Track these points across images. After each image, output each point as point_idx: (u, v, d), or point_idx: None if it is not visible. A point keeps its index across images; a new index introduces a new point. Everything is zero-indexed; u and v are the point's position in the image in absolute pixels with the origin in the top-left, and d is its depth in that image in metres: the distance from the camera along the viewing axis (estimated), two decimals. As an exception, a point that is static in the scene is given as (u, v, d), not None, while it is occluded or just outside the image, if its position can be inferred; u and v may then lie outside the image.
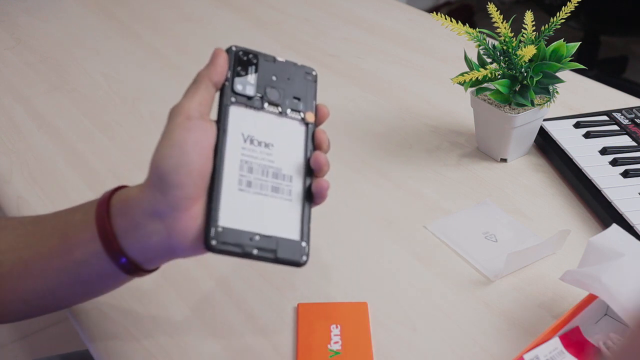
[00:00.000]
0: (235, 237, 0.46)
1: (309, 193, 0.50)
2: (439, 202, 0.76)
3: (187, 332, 0.59)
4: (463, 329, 0.60)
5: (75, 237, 0.49)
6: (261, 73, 0.51)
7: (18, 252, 0.51)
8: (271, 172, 0.49)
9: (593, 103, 0.95)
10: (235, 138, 0.48)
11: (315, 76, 0.54)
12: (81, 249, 0.49)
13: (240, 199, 0.47)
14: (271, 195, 0.48)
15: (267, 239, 0.47)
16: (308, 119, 0.52)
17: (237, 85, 0.50)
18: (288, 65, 0.53)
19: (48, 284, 0.51)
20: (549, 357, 0.52)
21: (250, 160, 0.48)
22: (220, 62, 0.50)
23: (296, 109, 0.51)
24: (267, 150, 0.49)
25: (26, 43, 1.15)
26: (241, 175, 0.48)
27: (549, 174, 0.81)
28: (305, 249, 0.48)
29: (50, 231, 0.51)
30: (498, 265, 0.66)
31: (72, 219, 0.50)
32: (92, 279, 0.50)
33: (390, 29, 1.21)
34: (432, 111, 0.94)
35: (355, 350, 0.57)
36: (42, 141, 0.88)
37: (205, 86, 0.49)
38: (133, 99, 0.98)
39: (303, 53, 1.11)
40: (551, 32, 0.77)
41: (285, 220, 0.48)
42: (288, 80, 0.52)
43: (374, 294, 0.63)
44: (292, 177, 0.50)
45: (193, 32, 1.20)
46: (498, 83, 0.75)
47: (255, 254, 0.46)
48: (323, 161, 0.50)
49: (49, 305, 0.55)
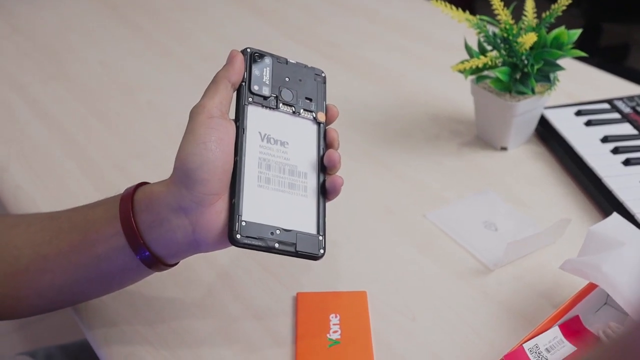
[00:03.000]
0: (258, 231, 0.48)
1: (323, 189, 0.52)
2: (439, 191, 0.75)
3: (185, 322, 0.59)
4: (462, 318, 0.60)
5: (97, 233, 0.50)
6: (275, 74, 0.53)
7: (36, 247, 0.52)
8: (287, 169, 0.51)
9: (594, 91, 0.94)
10: (253, 136, 0.51)
11: (325, 77, 0.56)
12: (103, 244, 0.50)
13: (259, 194, 0.49)
14: (288, 192, 0.51)
15: (287, 233, 0.49)
16: (320, 119, 0.54)
17: (254, 85, 0.52)
18: (299, 67, 0.55)
19: (67, 279, 0.52)
20: (548, 346, 0.52)
21: (268, 158, 0.51)
22: (238, 63, 0.52)
23: (308, 109, 0.54)
24: (283, 148, 0.52)
25: (22, 31, 1.14)
26: (260, 172, 0.50)
27: (549, 163, 0.80)
28: (322, 242, 0.50)
29: (69, 227, 0.52)
30: (498, 255, 0.65)
31: (92, 215, 0.51)
32: (112, 273, 0.51)
33: (390, 16, 1.20)
34: (432, 99, 0.94)
35: (354, 340, 0.57)
36: (39, 130, 0.88)
37: (224, 86, 0.50)
38: (130, 87, 0.98)
39: (302, 41, 1.11)
40: (552, 19, 0.76)
41: (302, 215, 0.50)
42: (300, 82, 0.54)
43: (374, 283, 0.63)
44: (306, 174, 0.52)
45: (191, 20, 1.19)
46: (498, 71, 0.75)
47: (277, 248, 0.49)
48: (336, 159, 0.52)
49: (65, 301, 0.56)
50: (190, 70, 1.02)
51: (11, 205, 0.75)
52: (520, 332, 0.58)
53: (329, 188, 0.52)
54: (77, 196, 0.75)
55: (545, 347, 0.52)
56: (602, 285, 0.53)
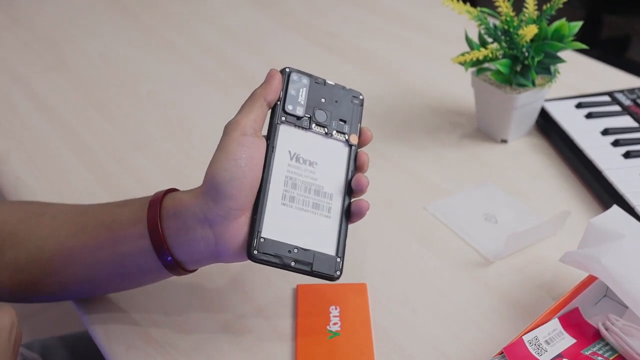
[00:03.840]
0: (275, 248, 0.49)
1: (347, 211, 0.53)
2: (439, 183, 0.75)
3: (185, 314, 0.59)
4: (462, 310, 0.60)
5: (123, 231, 0.51)
6: (311, 95, 0.54)
7: (61, 239, 0.53)
8: (313, 189, 0.52)
9: (595, 83, 0.94)
10: (282, 155, 0.52)
11: (362, 100, 0.56)
12: (129, 244, 0.51)
13: (282, 212, 0.51)
14: (311, 211, 0.51)
15: (304, 252, 0.50)
16: (352, 141, 0.54)
17: (288, 105, 0.53)
18: (337, 89, 0.55)
19: (89, 273, 0.54)
20: (548, 338, 0.52)
21: (295, 177, 0.52)
22: (275, 83, 0.52)
23: (341, 131, 0.54)
24: (311, 168, 0.53)
25: (22, 22, 1.14)
26: (285, 191, 0.51)
27: (549, 155, 0.80)
28: (339, 264, 0.51)
29: (96, 223, 0.53)
30: (498, 247, 0.66)
31: (119, 214, 0.53)
32: (134, 272, 0.53)
33: (391, 8, 1.20)
34: (432, 91, 0.93)
35: (354, 332, 0.57)
36: (39, 122, 0.88)
37: (260, 104, 0.51)
38: (130, 78, 0.97)
39: (302, 33, 1.10)
40: (553, 11, 0.76)
41: (323, 236, 0.51)
42: (336, 103, 0.55)
43: (374, 275, 0.63)
44: (332, 195, 0.53)
45: (191, 12, 1.18)
46: (499, 63, 0.74)
47: (293, 266, 0.50)
48: (364, 183, 0.53)
49: (83, 291, 0.57)
50: (191, 61, 1.02)
51: (11, 197, 0.75)
52: (519, 324, 0.58)
53: (354, 211, 0.53)
54: (77, 188, 0.75)
55: (544, 339, 0.52)
56: (601, 277, 0.53)
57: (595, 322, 0.55)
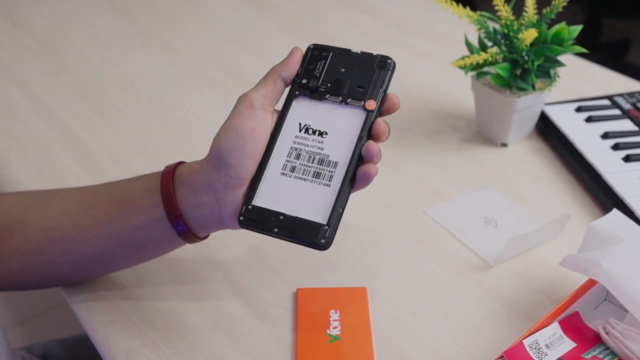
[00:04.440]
0: (262, 215, 0.50)
1: (352, 180, 0.51)
2: (439, 187, 0.75)
3: (185, 317, 0.59)
4: (462, 314, 0.60)
5: (136, 205, 0.53)
6: (330, 66, 0.53)
7: (72, 218, 0.55)
8: (317, 158, 0.51)
9: (595, 87, 0.94)
10: (291, 127, 0.52)
11: (390, 64, 0.53)
12: (141, 216, 0.53)
13: (279, 181, 0.51)
14: (311, 180, 0.51)
15: (290, 219, 0.50)
16: (368, 107, 0.51)
17: (303, 79, 0.53)
18: (361, 56, 0.54)
19: (100, 249, 0.55)
20: (548, 342, 0.52)
21: (300, 148, 0.52)
22: (294, 60, 0.53)
23: (358, 98, 0.52)
24: (320, 138, 0.52)
25: (23, 26, 1.14)
26: (287, 161, 0.52)
27: (549, 159, 0.80)
28: (326, 232, 0.49)
29: (107, 199, 0.55)
30: (498, 250, 0.66)
31: (130, 188, 0.54)
32: (146, 243, 0.55)
33: (391, 11, 1.20)
34: (432, 95, 0.93)
35: (354, 335, 0.57)
36: (40, 125, 0.88)
37: (274, 80, 0.53)
38: (131, 82, 0.98)
39: (302, 36, 1.10)
40: (553, 15, 0.76)
41: (316, 204, 0.50)
42: (357, 70, 0.53)
43: (374, 279, 0.63)
44: (337, 164, 0.51)
45: (191, 15, 1.19)
46: (499, 67, 0.74)
47: (276, 232, 0.50)
48: (375, 150, 0.50)
49: (95, 270, 0.59)
50: (191, 65, 1.02)
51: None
52: (520, 328, 0.58)
53: (361, 177, 0.50)
54: (78, 191, 0.75)
55: (545, 343, 0.52)
56: (601, 281, 0.53)
57: (596, 326, 0.55)
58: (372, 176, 0.51)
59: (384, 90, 0.52)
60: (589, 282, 0.56)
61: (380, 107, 0.52)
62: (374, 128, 0.51)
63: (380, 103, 0.52)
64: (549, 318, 0.53)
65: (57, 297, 0.57)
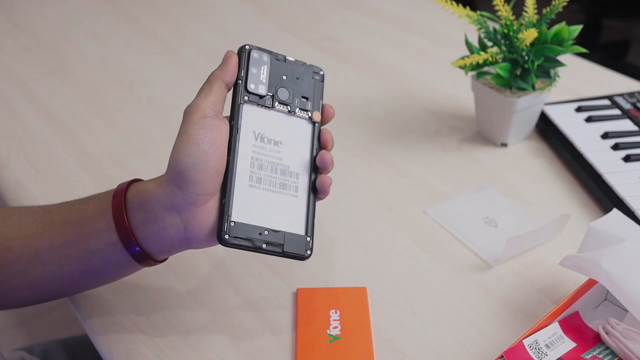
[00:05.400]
0: (246, 231, 0.49)
1: (314, 189, 0.53)
2: (439, 187, 0.75)
3: (186, 318, 0.59)
4: (462, 314, 0.60)
5: (90, 227, 0.51)
6: (272, 72, 0.53)
7: (28, 240, 0.52)
8: (279, 169, 0.52)
9: (595, 87, 0.94)
10: (247, 136, 0.51)
11: (323, 76, 0.55)
12: (96, 239, 0.50)
13: (250, 194, 0.50)
14: (279, 191, 0.51)
15: (275, 233, 0.50)
16: (315, 118, 0.54)
17: (250, 84, 0.52)
18: (297, 65, 0.54)
19: (57, 271, 0.52)
20: (548, 342, 0.52)
21: (261, 158, 0.51)
22: (232, 64, 0.52)
23: (304, 108, 0.54)
24: (276, 147, 0.52)
25: (23, 26, 1.14)
26: (252, 172, 0.50)
27: (549, 159, 0.80)
28: (309, 243, 0.51)
29: (62, 221, 0.52)
30: (498, 250, 0.66)
31: (85, 210, 0.52)
32: (103, 267, 0.52)
33: (390, 12, 1.20)
34: (432, 95, 0.93)
35: (354, 335, 0.57)
36: (40, 126, 0.88)
37: (218, 86, 0.51)
38: (131, 83, 0.98)
39: (302, 37, 1.10)
40: (553, 15, 0.76)
41: (292, 216, 0.51)
42: (297, 80, 0.54)
43: (374, 279, 0.63)
44: (298, 174, 0.52)
45: (191, 16, 1.19)
46: (499, 67, 0.74)
47: (264, 248, 0.49)
48: (328, 160, 0.53)
49: (55, 292, 0.56)
50: (191, 65, 1.02)
51: (11, 201, 0.75)
52: (520, 328, 0.58)
53: (318, 188, 0.52)
54: (77, 192, 0.75)
55: (545, 343, 0.52)
56: (601, 281, 0.53)
57: (596, 325, 0.55)
58: (327, 187, 0.52)
59: (322, 101, 0.55)
60: (589, 282, 0.56)
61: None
62: (322, 138, 0.54)
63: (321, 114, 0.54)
64: (549, 318, 0.53)
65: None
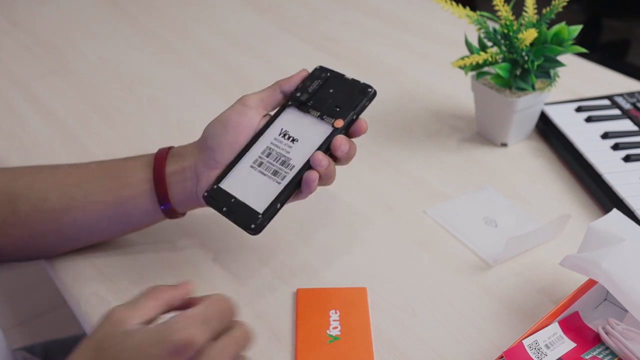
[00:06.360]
0: (220, 195, 0.57)
1: (299, 184, 0.56)
2: (439, 187, 0.75)
3: (185, 317, 0.59)
4: (462, 314, 0.60)
5: (128, 178, 0.59)
6: (324, 85, 0.60)
7: (62, 189, 0.59)
8: (282, 159, 0.57)
9: (595, 87, 0.94)
10: (274, 130, 0.59)
11: (370, 93, 0.58)
12: (132, 187, 0.59)
13: (246, 173, 0.58)
14: (268, 176, 0.57)
15: (237, 203, 0.56)
16: (336, 125, 0.57)
17: (297, 92, 0.60)
18: (351, 82, 0.60)
19: (89, 218, 0.59)
20: (548, 342, 0.52)
21: (274, 149, 0.58)
22: (295, 77, 0.60)
23: (331, 115, 0.58)
24: (291, 143, 0.58)
25: (23, 26, 1.14)
26: (259, 157, 0.58)
27: (549, 159, 0.80)
28: (259, 220, 0.55)
29: (100, 174, 0.60)
30: (498, 250, 0.66)
31: (124, 165, 0.61)
32: (132, 215, 0.60)
33: (390, 12, 1.20)
34: (432, 95, 0.93)
35: (354, 336, 0.57)
36: (40, 125, 0.88)
37: (274, 89, 0.60)
38: (131, 83, 0.98)
39: (302, 37, 1.10)
40: (553, 15, 0.76)
41: (263, 196, 0.56)
42: (340, 93, 0.59)
43: (373, 279, 0.63)
44: (293, 167, 0.57)
45: (191, 16, 1.19)
46: (499, 67, 0.74)
47: (224, 211, 0.57)
48: (318, 159, 0.55)
49: (78, 240, 0.62)
50: (191, 65, 1.02)
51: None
52: (519, 328, 0.58)
53: (303, 181, 0.56)
54: (78, 192, 0.75)
55: (544, 343, 0.52)
56: (601, 281, 0.53)
57: (596, 326, 0.55)
58: (312, 182, 0.55)
59: (355, 113, 0.57)
60: (589, 282, 0.56)
61: (347, 127, 0.57)
62: (333, 142, 0.56)
63: (348, 124, 0.57)
64: (549, 318, 0.53)
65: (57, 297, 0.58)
